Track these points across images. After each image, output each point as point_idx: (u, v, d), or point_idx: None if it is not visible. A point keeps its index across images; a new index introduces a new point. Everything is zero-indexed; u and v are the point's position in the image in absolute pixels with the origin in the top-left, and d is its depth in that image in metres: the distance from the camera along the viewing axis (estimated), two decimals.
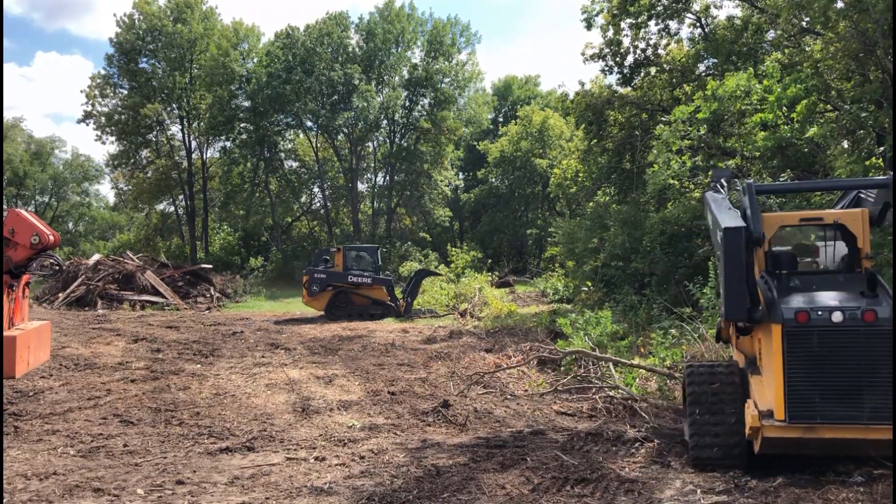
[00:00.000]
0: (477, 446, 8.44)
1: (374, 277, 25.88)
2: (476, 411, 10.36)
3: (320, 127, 49.08)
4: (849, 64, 16.59)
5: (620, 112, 26.33)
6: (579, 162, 30.90)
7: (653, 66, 26.16)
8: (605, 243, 24.79)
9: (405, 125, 50.68)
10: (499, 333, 18.87)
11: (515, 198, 55.10)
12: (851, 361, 6.35)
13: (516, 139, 52.58)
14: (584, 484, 6.84)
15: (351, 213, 51.31)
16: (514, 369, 13.40)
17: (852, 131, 16.73)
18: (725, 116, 18.57)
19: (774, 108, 16.57)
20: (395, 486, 6.94)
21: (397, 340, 18.24)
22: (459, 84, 50.89)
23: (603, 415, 10.15)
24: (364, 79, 47.12)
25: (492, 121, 63.09)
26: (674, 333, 14.22)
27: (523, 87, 67.00)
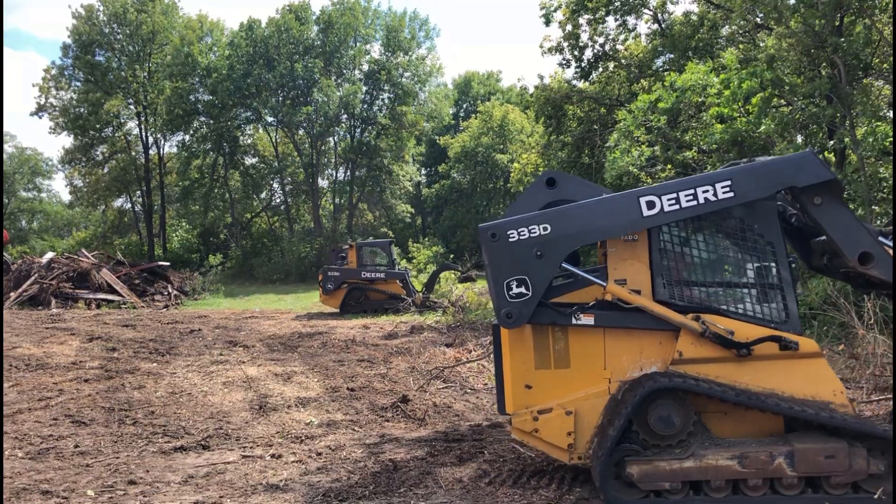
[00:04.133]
0: (435, 440, 8.44)
1: (387, 272, 25.86)
2: (435, 406, 10.35)
3: (280, 122, 48.65)
4: (801, 59, 16.90)
5: (579, 106, 26.57)
6: (539, 156, 31.08)
7: (611, 61, 26.43)
8: None
9: (365, 120, 50.48)
10: (460, 328, 18.89)
11: (477, 193, 55.20)
12: None
13: (477, 134, 52.68)
14: (541, 476, 6.87)
15: (312, 209, 50.97)
16: (474, 363, 13.43)
17: (805, 126, 17.07)
18: (683, 109, 18.83)
19: (731, 101, 16.83)
20: (352, 481, 6.90)
21: (358, 337, 18.16)
22: (420, 78, 50.88)
23: None
24: (324, 73, 46.83)
25: (453, 116, 63.13)
26: None
27: (484, 82, 67.12)
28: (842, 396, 5.93)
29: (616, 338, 6.27)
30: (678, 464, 5.86)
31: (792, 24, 15.89)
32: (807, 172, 5.90)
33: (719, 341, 5.98)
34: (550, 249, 6.04)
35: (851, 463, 5.65)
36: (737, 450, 5.83)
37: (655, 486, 5.89)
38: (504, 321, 6.15)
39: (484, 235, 6.21)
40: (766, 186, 5.96)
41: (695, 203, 5.90)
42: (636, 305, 6.14)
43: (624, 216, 6.00)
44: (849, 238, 6.01)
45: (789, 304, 6.18)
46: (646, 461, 5.91)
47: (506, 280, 6.09)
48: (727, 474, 5.80)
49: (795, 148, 15.62)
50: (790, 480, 5.75)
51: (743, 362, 6.02)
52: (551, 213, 6.23)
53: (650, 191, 6.03)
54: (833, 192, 6.00)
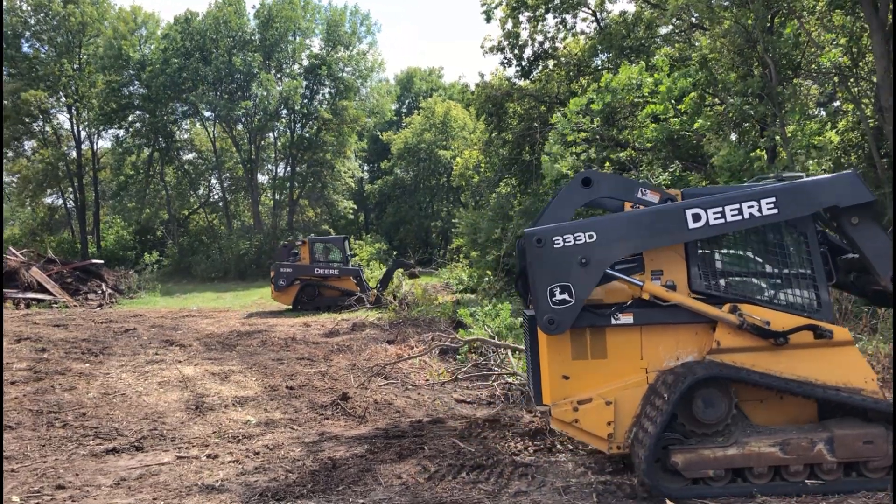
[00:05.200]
0: (375, 437, 8.40)
1: (341, 269, 25.57)
2: (376, 403, 10.31)
3: (218, 116, 47.77)
4: (734, 58, 17.34)
5: (520, 104, 26.75)
6: (481, 153, 31.24)
7: (550, 60, 26.68)
8: (507, 234, 25.17)
9: (306, 115, 49.91)
10: (402, 325, 18.84)
11: (420, 189, 55.14)
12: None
13: (420, 130, 52.62)
14: (480, 470, 6.90)
15: (251, 206, 50.21)
16: (415, 359, 13.42)
17: (738, 123, 17.53)
18: (619, 108, 19.13)
19: (664, 100, 17.18)
20: (290, 480, 6.82)
21: (298, 334, 17.95)
22: (361, 73, 50.56)
23: (501, 401, 10.28)
24: (264, 67, 46.15)
25: (395, 112, 62.94)
26: None
27: (426, 78, 67.08)
28: (873, 383, 6.14)
29: (653, 332, 6.41)
30: (722, 451, 5.99)
31: (725, 24, 16.29)
32: (849, 193, 6.12)
33: (757, 332, 6.13)
34: (595, 257, 6.16)
35: (889, 447, 5.87)
36: (778, 437, 5.99)
37: (700, 474, 6.00)
38: (546, 327, 6.21)
39: (529, 241, 6.25)
40: (809, 205, 6.16)
41: (739, 218, 6.09)
42: (674, 302, 6.28)
43: (669, 228, 6.16)
44: (883, 258, 6.25)
45: (821, 293, 6.36)
46: (690, 450, 6.02)
47: (549, 286, 6.17)
48: (770, 461, 5.95)
49: (729, 145, 16.02)
50: (830, 466, 5.94)
51: (778, 351, 6.19)
52: (598, 221, 6.33)
53: (697, 204, 6.17)
54: (871, 213, 6.21)
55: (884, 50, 15.02)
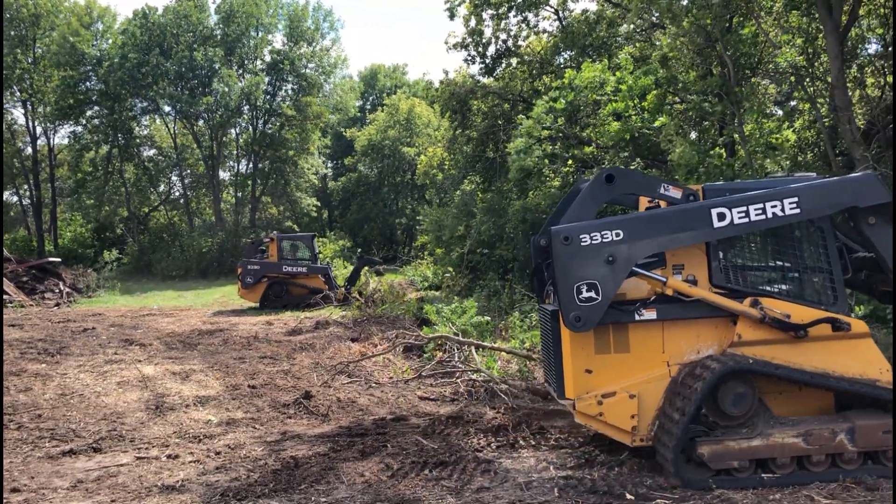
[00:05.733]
0: (338, 436, 8.37)
1: (309, 266, 25.35)
2: (339, 401, 10.27)
3: (179, 112, 47.10)
4: (693, 58, 17.57)
5: (483, 102, 26.80)
6: (445, 150, 31.25)
7: (514, 58, 26.77)
8: (471, 231, 25.22)
9: (268, 111, 49.44)
10: (366, 322, 18.79)
11: (385, 186, 54.94)
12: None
13: (384, 127, 52.42)
14: (443, 467, 6.92)
15: (213, 203, 49.61)
16: (379, 357, 13.39)
17: (699, 122, 17.78)
18: (582, 106, 19.27)
19: (626, 98, 17.34)
20: (252, 480, 6.77)
21: (261, 333, 17.81)
22: (324, 70, 50.20)
23: (464, 398, 10.32)
24: (225, 62, 45.61)
25: (359, 108, 62.63)
26: (533, 317, 14.64)
27: (390, 75, 66.85)
28: (888, 374, 6.30)
29: (675, 326, 6.51)
30: (746, 443, 6.11)
31: (685, 24, 16.49)
32: (869, 194, 6.29)
33: (778, 325, 6.25)
34: (622, 256, 6.22)
35: None
36: (801, 428, 6.12)
37: (725, 465, 6.09)
38: (572, 325, 6.25)
39: (556, 239, 6.28)
40: (830, 205, 6.33)
41: (763, 217, 6.22)
42: (697, 298, 6.39)
43: (695, 227, 6.25)
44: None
45: (838, 286, 6.51)
46: (716, 441, 6.12)
47: (576, 284, 6.20)
48: (793, 451, 6.08)
49: (689, 143, 16.23)
50: (850, 455, 6.09)
51: (796, 343, 6.32)
52: (624, 220, 6.41)
53: (722, 203, 6.27)
54: (888, 213, 6.37)
55: (837, 51, 15.33)
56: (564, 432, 8.04)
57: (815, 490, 5.84)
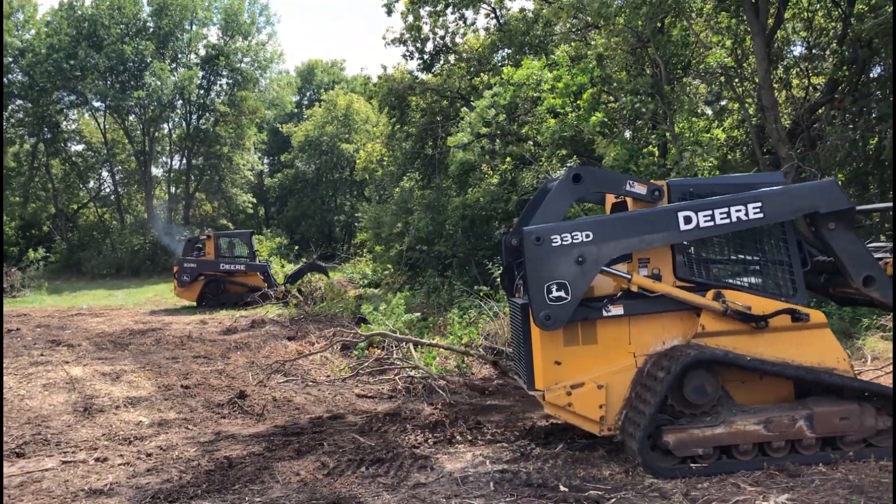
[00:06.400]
0: (273, 435, 8.27)
1: (248, 264, 24.90)
2: (275, 400, 10.14)
3: (109, 106, 45.76)
4: (627, 58, 17.91)
5: (422, 98, 26.80)
6: (384, 146, 31.12)
7: (452, 54, 26.83)
8: (410, 228, 25.20)
9: (202, 106, 48.46)
10: (303, 321, 18.62)
11: (323, 183, 54.44)
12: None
13: (322, 123, 51.92)
14: (379, 464, 6.90)
15: (145, 200, 48.40)
16: (316, 355, 13.27)
17: (632, 121, 18.13)
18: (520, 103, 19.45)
19: (563, 96, 17.56)
20: (184, 481, 6.63)
21: (195, 332, 17.47)
22: (260, 64, 49.42)
23: (402, 395, 10.30)
24: (157, 56, 44.50)
25: (296, 104, 61.88)
26: (472, 313, 14.72)
27: (328, 70, 66.24)
28: (845, 363, 6.57)
29: (641, 320, 6.68)
30: (710, 430, 6.28)
31: (618, 24, 16.80)
32: (829, 200, 6.54)
33: (740, 317, 6.46)
34: (591, 256, 6.36)
35: (863, 422, 6.29)
36: (762, 415, 6.32)
37: (690, 453, 6.25)
38: (543, 323, 6.37)
39: (528, 239, 6.39)
40: (792, 210, 6.57)
41: (728, 221, 6.42)
42: (661, 293, 6.57)
43: (663, 229, 6.43)
44: (856, 262, 6.65)
45: (797, 278, 6.73)
46: (681, 429, 6.28)
47: (546, 283, 6.33)
48: (754, 438, 6.28)
49: (622, 141, 16.54)
50: (809, 441, 6.31)
51: (758, 334, 6.54)
52: (594, 221, 6.56)
53: (689, 206, 6.45)
54: (847, 219, 6.61)
55: (764, 52, 15.84)
56: (501, 427, 8.10)
57: (741, 478, 6.02)
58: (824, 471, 6.09)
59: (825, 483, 5.80)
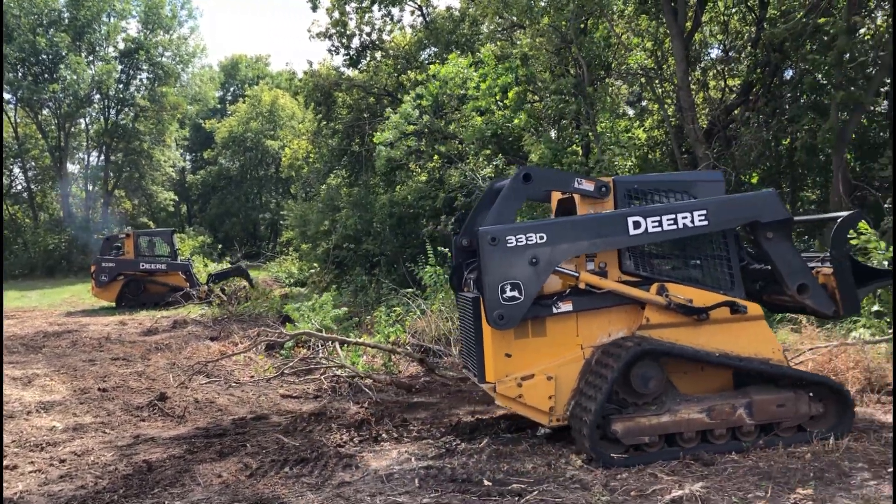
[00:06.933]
0: (195, 437, 8.08)
1: (169, 263, 24.25)
2: (197, 402, 9.92)
3: (21, 100, 43.90)
4: (551, 58, 18.17)
5: (348, 94, 26.61)
6: (310, 143, 30.76)
7: (378, 51, 26.72)
8: (336, 225, 25.02)
9: (121, 101, 47.00)
10: (226, 321, 18.28)
11: (247, 180, 53.56)
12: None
13: (246, 119, 51.07)
14: (303, 464, 6.82)
15: (60, 197, 46.63)
16: (240, 356, 13.04)
17: (557, 120, 18.41)
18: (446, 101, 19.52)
19: (489, 95, 17.71)
20: (99, 487, 6.42)
21: (113, 334, 16.94)
22: (182, 59, 48.26)
23: (328, 394, 10.22)
24: (73, 48, 42.92)
25: (219, 99, 60.68)
26: (398, 311, 14.71)
27: (252, 65, 65.13)
28: (779, 353, 6.90)
29: (588, 314, 6.85)
30: (656, 419, 6.46)
31: (542, 24, 17.03)
32: (769, 210, 6.84)
33: (682, 310, 6.68)
34: (544, 258, 6.50)
35: (798, 408, 6.60)
36: (704, 404, 6.55)
37: (637, 441, 6.42)
38: (496, 322, 6.47)
39: (484, 239, 6.48)
40: (735, 218, 6.90)
41: (675, 227, 6.65)
42: (608, 290, 6.75)
43: (613, 233, 6.64)
44: (791, 270, 6.93)
45: (734, 272, 7.00)
46: (628, 418, 6.44)
47: (500, 283, 6.44)
48: (697, 426, 6.50)
49: (545, 140, 16.77)
50: (748, 428, 6.57)
51: (699, 326, 6.78)
52: (548, 223, 6.72)
53: (638, 212, 6.65)
54: (785, 229, 6.92)
55: (682, 54, 16.31)
56: (427, 424, 8.12)
57: (657, 468, 6.19)
58: (736, 459, 6.33)
59: (737, 471, 6.02)
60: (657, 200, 7.03)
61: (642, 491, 5.68)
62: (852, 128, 14.99)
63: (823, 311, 7.08)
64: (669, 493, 5.58)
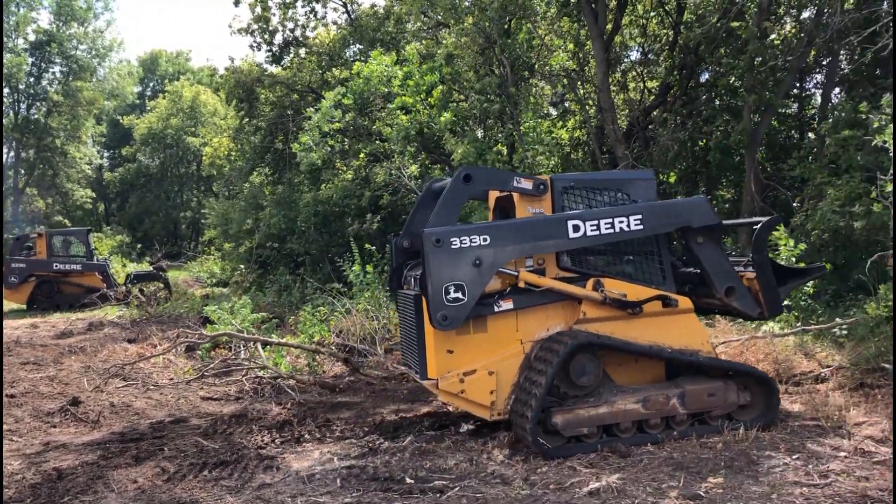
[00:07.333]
0: (110, 442, 7.83)
1: (85, 263, 23.38)
2: (112, 406, 9.61)
3: None
4: (476, 58, 18.28)
5: (271, 91, 26.19)
6: (232, 141, 30.12)
7: (302, 48, 26.38)
8: (260, 224, 24.61)
9: (33, 95, 45.14)
10: (145, 322, 17.77)
11: (168, 178, 52.16)
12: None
13: (166, 115, 49.71)
14: (223, 466, 6.70)
15: None
16: (159, 358, 12.70)
17: (482, 120, 18.54)
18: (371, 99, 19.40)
19: (414, 93, 17.69)
20: (5, 497, 6.15)
21: (24, 337, 16.24)
22: (98, 52, 46.66)
23: (250, 396, 10.06)
24: None
25: (139, 95, 58.94)
26: (323, 310, 14.57)
27: (173, 60, 63.46)
28: (708, 345, 7.18)
29: (527, 310, 6.95)
30: (594, 410, 6.65)
31: (467, 24, 17.13)
32: (700, 215, 7.14)
33: (617, 305, 6.84)
34: (487, 259, 6.63)
35: (727, 397, 6.90)
36: (640, 395, 6.76)
37: (576, 432, 6.57)
38: (440, 323, 6.54)
39: (428, 240, 6.54)
40: (669, 223, 7.17)
41: (612, 231, 6.91)
42: (546, 287, 6.86)
43: (553, 236, 6.82)
44: (720, 274, 7.24)
45: (665, 267, 7.24)
46: (568, 410, 6.59)
47: (444, 285, 6.53)
48: (634, 416, 6.71)
49: (470, 140, 16.87)
50: (681, 417, 6.81)
51: (633, 319, 6.97)
52: (492, 226, 6.92)
53: (577, 216, 6.90)
54: (715, 234, 7.21)
55: (602, 56, 16.67)
56: (350, 423, 8.09)
57: (576, 461, 6.32)
58: (652, 450, 6.51)
59: (652, 461, 6.20)
60: (593, 198, 7.26)
61: (561, 484, 5.79)
62: (763, 129, 15.61)
63: (749, 312, 7.41)
64: (587, 484, 5.70)
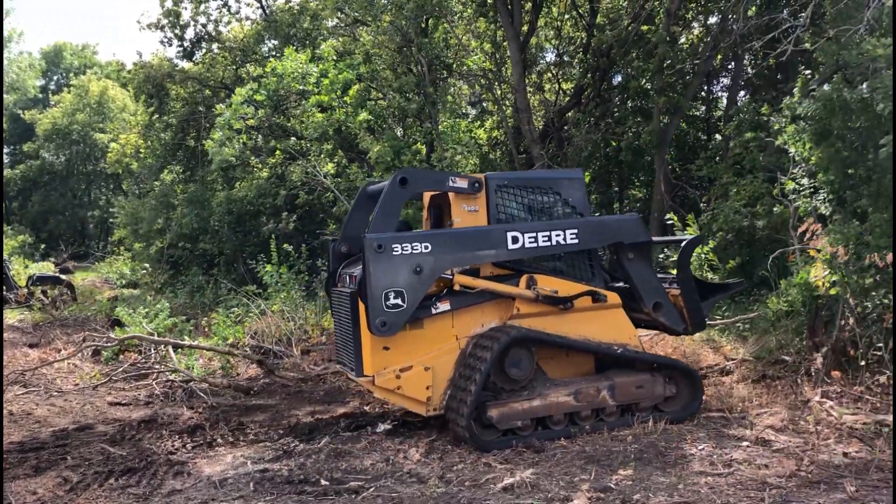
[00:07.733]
0: (8, 453, 7.45)
1: None
2: (11, 414, 9.16)
3: None
4: (394, 56, 18.23)
5: (183, 87, 25.46)
6: (141, 137, 29.10)
7: (215, 43, 25.74)
8: (171, 224, 23.93)
9: None
10: (49, 325, 17.02)
11: (74, 175, 50.04)
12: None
13: (72, 110, 47.65)
14: (131, 474, 6.48)
15: None
16: (63, 362, 12.18)
17: (402, 118, 18.51)
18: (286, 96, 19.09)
19: (330, 91, 17.51)
20: None
21: None
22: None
23: (160, 400, 9.78)
24: None
25: (41, 89, 56.39)
26: (237, 312, 14.27)
27: (78, 53, 60.93)
28: (636, 339, 7.42)
29: (463, 309, 7.06)
30: (528, 403, 6.79)
31: (384, 22, 17.06)
32: (632, 233, 7.39)
33: (549, 301, 6.98)
34: (428, 267, 6.69)
35: (654, 389, 7.18)
36: (571, 388, 6.93)
37: (510, 425, 6.71)
38: (378, 329, 6.51)
39: (370, 246, 6.51)
40: (602, 238, 7.46)
41: (549, 244, 7.05)
42: (481, 289, 6.99)
43: (493, 247, 6.97)
44: (648, 289, 7.46)
45: (595, 263, 7.47)
46: (503, 404, 6.73)
47: (384, 291, 6.49)
48: (565, 408, 6.88)
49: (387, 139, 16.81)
50: (611, 409, 7.01)
51: (564, 314, 7.13)
52: (433, 234, 7.00)
53: (517, 228, 7.08)
54: (644, 251, 7.45)
55: (518, 57, 16.88)
56: (265, 426, 7.96)
57: (492, 457, 6.39)
58: (565, 445, 6.65)
59: (565, 456, 6.33)
60: (525, 196, 7.44)
61: (476, 480, 5.84)
62: (672, 130, 16.13)
63: (674, 327, 7.70)
64: (502, 480, 5.76)
